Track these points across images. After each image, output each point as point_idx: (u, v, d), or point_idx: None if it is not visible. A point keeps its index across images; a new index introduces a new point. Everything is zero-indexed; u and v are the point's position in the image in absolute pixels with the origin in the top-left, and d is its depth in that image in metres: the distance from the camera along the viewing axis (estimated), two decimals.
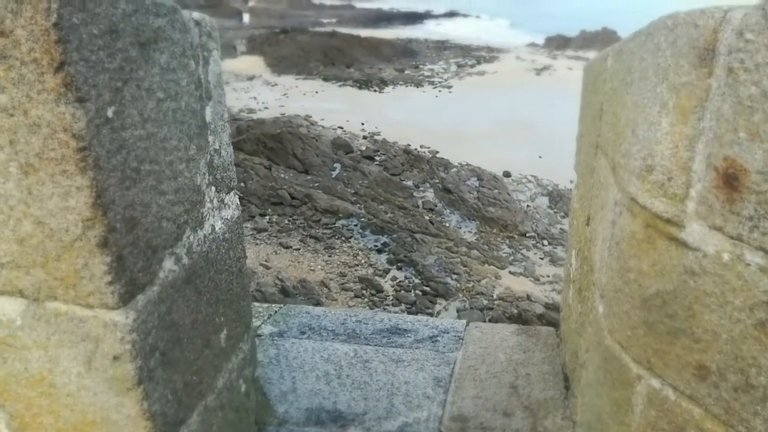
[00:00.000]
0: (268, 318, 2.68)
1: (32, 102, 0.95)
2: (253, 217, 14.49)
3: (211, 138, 1.40)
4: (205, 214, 1.38)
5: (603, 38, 38.42)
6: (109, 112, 1.02)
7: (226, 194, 1.50)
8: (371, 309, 11.27)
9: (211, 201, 1.41)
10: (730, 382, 1.09)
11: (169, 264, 1.23)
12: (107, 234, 1.03)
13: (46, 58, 0.92)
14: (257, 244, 13.44)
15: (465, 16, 72.08)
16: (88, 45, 0.96)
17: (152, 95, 1.15)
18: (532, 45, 44.05)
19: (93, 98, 0.98)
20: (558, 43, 42.34)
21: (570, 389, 2.12)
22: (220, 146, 1.46)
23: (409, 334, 2.53)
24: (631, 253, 1.30)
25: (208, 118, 1.38)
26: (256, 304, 2.89)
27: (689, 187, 1.11)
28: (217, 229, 1.45)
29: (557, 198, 16.24)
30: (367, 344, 2.44)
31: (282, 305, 2.84)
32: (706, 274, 1.11)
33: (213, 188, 1.42)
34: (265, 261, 12.73)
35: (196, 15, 1.35)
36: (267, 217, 14.61)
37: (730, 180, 1.01)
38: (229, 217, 1.52)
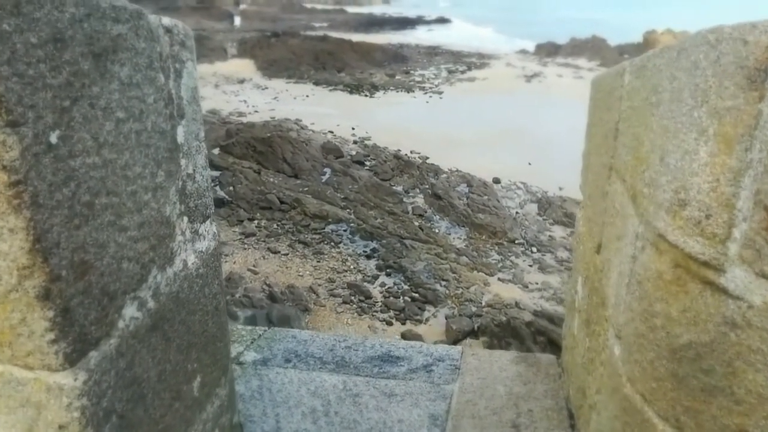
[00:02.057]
0: (252, 343, 2.50)
1: None
2: (242, 221, 14.27)
3: (183, 161, 1.23)
4: (175, 249, 1.20)
5: (593, 46, 38.64)
6: (53, 138, 0.85)
7: (201, 224, 1.32)
8: (359, 315, 11.10)
9: (183, 233, 1.23)
10: None
11: (130, 311, 1.05)
12: (49, 284, 0.86)
13: None
14: (245, 248, 13.23)
15: (451, 21, 72.05)
16: (24, 57, 0.79)
17: (110, 115, 0.98)
18: (523, 52, 44.03)
19: (30, 121, 0.81)
20: (548, 50, 42.31)
21: (575, 428, 1.96)
22: (194, 170, 1.28)
23: (402, 363, 2.37)
24: (657, 295, 1.16)
25: (180, 139, 1.21)
26: (239, 326, 2.71)
27: (732, 227, 0.97)
28: (189, 264, 1.27)
29: (546, 205, 16.16)
30: (357, 375, 2.26)
31: (267, 328, 2.66)
32: (751, 327, 0.97)
33: (185, 218, 1.24)
34: (253, 266, 12.53)
35: (167, 21, 1.18)
36: (255, 222, 14.40)
37: None
38: (203, 250, 1.34)
